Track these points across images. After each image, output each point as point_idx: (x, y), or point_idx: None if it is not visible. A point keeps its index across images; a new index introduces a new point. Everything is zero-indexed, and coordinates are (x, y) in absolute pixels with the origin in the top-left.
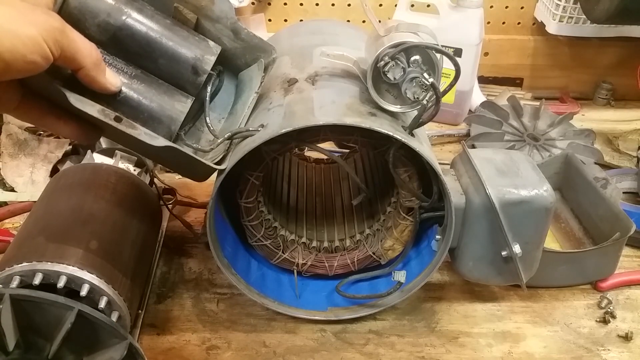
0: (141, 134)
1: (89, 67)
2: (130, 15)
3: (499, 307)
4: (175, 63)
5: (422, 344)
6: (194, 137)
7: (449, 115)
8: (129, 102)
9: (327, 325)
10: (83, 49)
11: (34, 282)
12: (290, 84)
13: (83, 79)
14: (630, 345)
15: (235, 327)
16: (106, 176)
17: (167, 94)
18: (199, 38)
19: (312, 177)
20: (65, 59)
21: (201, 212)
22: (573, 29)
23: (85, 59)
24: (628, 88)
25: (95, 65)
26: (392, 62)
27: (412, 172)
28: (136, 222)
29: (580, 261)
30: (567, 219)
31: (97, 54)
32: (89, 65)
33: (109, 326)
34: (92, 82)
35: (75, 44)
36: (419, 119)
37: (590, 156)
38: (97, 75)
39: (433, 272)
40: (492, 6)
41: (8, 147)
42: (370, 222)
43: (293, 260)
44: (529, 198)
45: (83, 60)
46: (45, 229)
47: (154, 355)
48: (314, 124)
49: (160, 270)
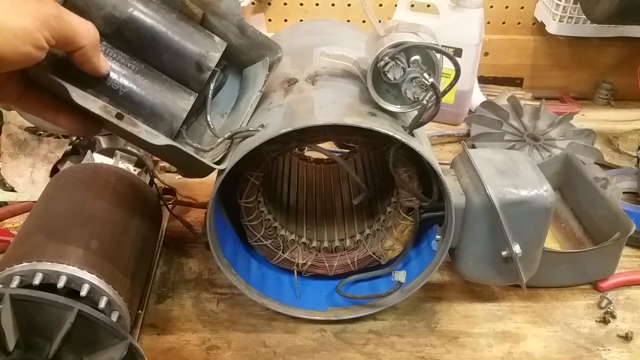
0: (142, 132)
1: (88, 47)
2: (137, 8)
3: (499, 307)
4: (179, 59)
5: (422, 344)
6: (196, 133)
7: (449, 115)
8: (131, 98)
9: (327, 325)
10: (81, 30)
11: (34, 282)
12: (291, 84)
13: (77, 59)
14: (630, 345)
15: (235, 327)
16: (106, 176)
17: (170, 90)
18: (205, 34)
19: (312, 177)
20: (63, 44)
21: (201, 212)
22: (573, 29)
23: (84, 40)
24: (628, 88)
25: (94, 45)
26: (392, 62)
27: (412, 172)
28: (136, 222)
29: (580, 261)
30: (567, 219)
31: (95, 33)
32: (88, 45)
33: (109, 326)
34: (86, 63)
35: (72, 26)
36: (419, 119)
37: (590, 156)
38: (93, 56)
39: (433, 272)
40: (492, 6)
41: (8, 147)
42: (370, 222)
43: (293, 260)
44: (529, 198)
45: (81, 41)
46: (45, 229)
47: (154, 355)
48: (314, 124)
49: (160, 270)
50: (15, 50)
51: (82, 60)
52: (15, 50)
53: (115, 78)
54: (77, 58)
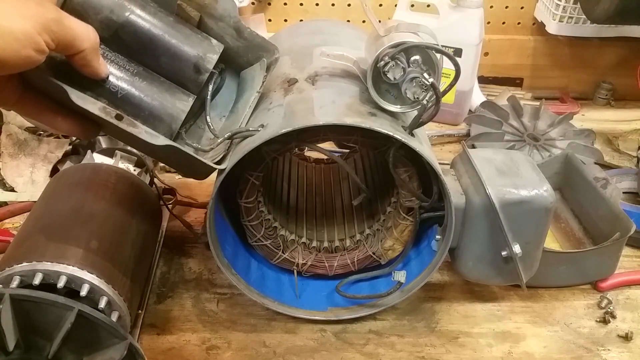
0: (142, 132)
1: (88, 51)
2: (134, 12)
3: (499, 307)
4: (177, 61)
5: (422, 344)
6: (195, 135)
7: (449, 115)
8: (130, 100)
9: (327, 325)
10: (81, 34)
11: (34, 282)
12: (291, 84)
13: (77, 62)
14: (630, 345)
15: (235, 327)
16: (106, 176)
17: (169, 91)
18: (202, 36)
19: (312, 177)
20: (63, 47)
21: (201, 212)
22: (573, 29)
23: (84, 43)
24: (628, 88)
25: (94, 48)
26: (392, 62)
27: (412, 172)
28: (136, 222)
29: (580, 261)
30: (567, 219)
31: (95, 37)
32: (88, 49)
33: (109, 326)
34: (86, 66)
35: (72, 30)
36: (419, 119)
37: (590, 156)
38: (93, 60)
39: (433, 272)
40: (492, 6)
41: (8, 147)
42: (370, 222)
43: (293, 260)
44: (529, 198)
45: (81, 45)
46: (45, 229)
47: (154, 355)
48: (314, 124)
49: (160, 270)
50: (16, 53)
51: (82, 64)
52: (16, 54)
53: (114, 80)
54: (77, 61)
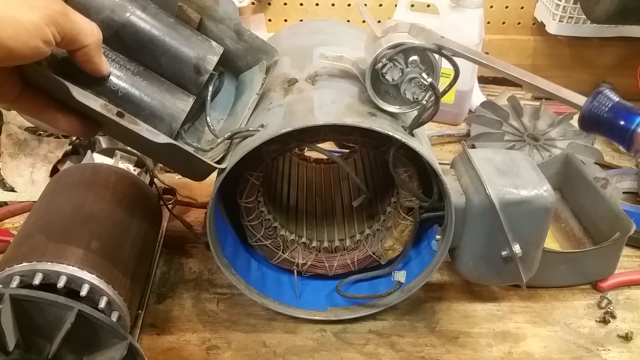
0: (143, 130)
1: (91, 46)
2: (134, 12)
3: (499, 307)
4: (177, 62)
5: (422, 344)
6: (194, 136)
7: (449, 115)
8: (130, 99)
9: (327, 325)
10: (86, 29)
11: (34, 282)
12: (290, 84)
13: (79, 58)
14: (630, 345)
15: (235, 327)
16: (106, 176)
17: (169, 91)
18: (202, 38)
19: (312, 177)
20: (68, 42)
21: (201, 212)
22: (573, 29)
23: (88, 39)
24: (628, 88)
25: (97, 45)
26: (390, 63)
27: (412, 172)
28: (136, 222)
29: (580, 261)
30: (567, 219)
31: (98, 33)
32: (91, 45)
33: (109, 326)
34: (88, 62)
35: (77, 24)
36: (419, 119)
37: (590, 156)
38: (95, 56)
39: (433, 272)
40: (492, 6)
41: (8, 147)
42: (370, 222)
43: (293, 260)
44: (529, 198)
45: (85, 40)
46: (45, 229)
47: (154, 355)
48: (314, 124)
49: (160, 270)
50: (24, 43)
51: (85, 60)
52: (24, 44)
53: (114, 79)
54: (79, 57)
